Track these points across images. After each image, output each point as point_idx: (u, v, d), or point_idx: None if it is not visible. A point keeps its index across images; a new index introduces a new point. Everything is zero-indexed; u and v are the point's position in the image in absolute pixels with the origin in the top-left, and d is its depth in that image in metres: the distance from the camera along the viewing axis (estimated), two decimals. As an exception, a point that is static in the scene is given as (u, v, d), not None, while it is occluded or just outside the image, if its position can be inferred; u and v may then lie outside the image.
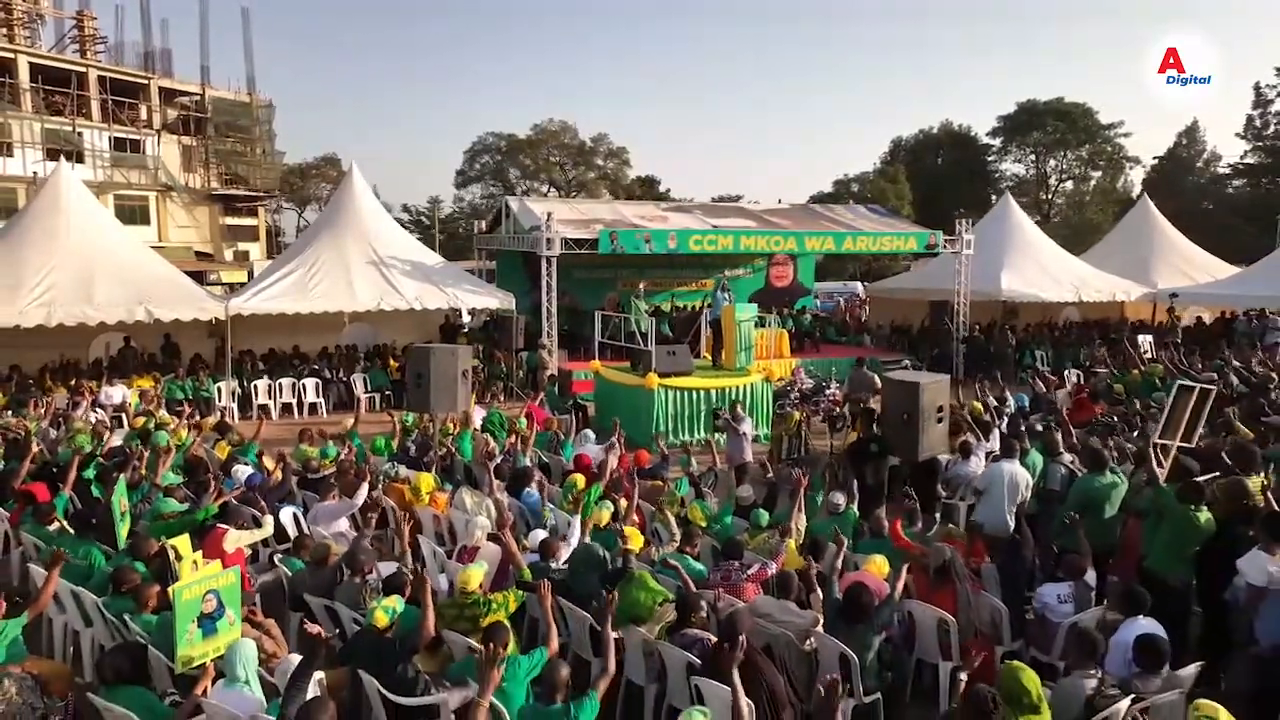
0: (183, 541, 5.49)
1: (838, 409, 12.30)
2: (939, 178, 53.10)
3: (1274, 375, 12.82)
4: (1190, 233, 24.78)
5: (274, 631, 5.18)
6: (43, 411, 12.45)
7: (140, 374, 16.41)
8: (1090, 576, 5.98)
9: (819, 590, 5.59)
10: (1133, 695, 4.57)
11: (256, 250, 45.49)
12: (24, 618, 5.25)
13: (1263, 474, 6.65)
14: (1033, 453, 7.85)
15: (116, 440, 10.12)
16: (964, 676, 4.40)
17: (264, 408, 16.23)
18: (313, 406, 16.80)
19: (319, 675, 4.45)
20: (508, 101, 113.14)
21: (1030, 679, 4.31)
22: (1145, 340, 17.44)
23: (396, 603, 5.07)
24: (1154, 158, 56.97)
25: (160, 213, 40.71)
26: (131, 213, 37.59)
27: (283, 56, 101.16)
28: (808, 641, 5.29)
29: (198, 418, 12.67)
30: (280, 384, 16.85)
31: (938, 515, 7.94)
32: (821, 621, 5.33)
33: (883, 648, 5.37)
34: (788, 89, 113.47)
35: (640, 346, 15.08)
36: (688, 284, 24.75)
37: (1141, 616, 5.25)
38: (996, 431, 9.89)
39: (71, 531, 6.98)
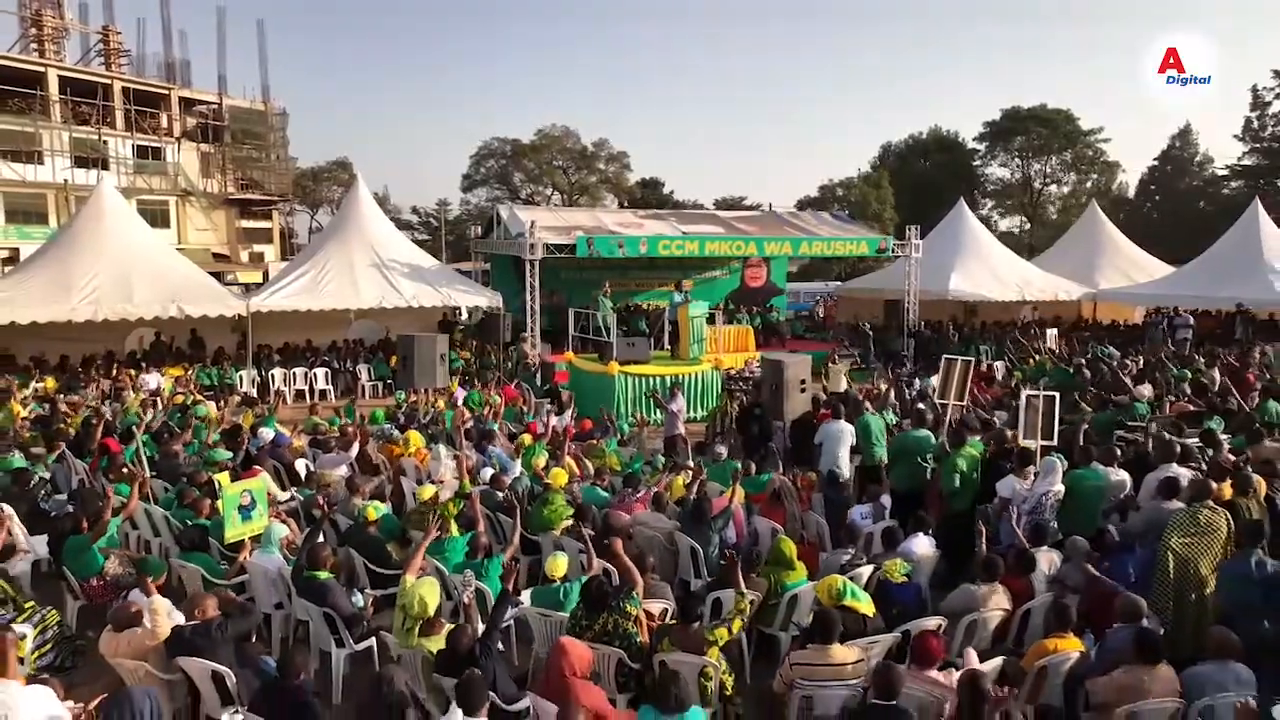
0: (223, 476, 7.76)
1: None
2: (926, 181, 55.05)
3: (1149, 363, 15.01)
4: (1187, 234, 25.88)
5: (293, 525, 7.45)
6: (95, 392, 14.76)
7: (171, 364, 18.71)
8: (885, 499, 8.18)
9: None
10: (875, 565, 6.75)
11: (271, 252, 47.70)
12: (119, 519, 7.51)
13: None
14: (865, 414, 9.97)
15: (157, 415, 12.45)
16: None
17: (280, 393, 18.47)
18: (322, 393, 18.97)
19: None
20: (513, 106, 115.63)
21: (789, 545, 6.55)
22: (1051, 334, 19.45)
23: (384, 508, 7.33)
24: (1154, 159, 58.89)
25: (180, 216, 42.83)
26: (153, 216, 39.67)
27: (296, 62, 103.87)
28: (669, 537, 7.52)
29: (229, 398, 15.00)
30: (294, 373, 19.07)
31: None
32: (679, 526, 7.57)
33: (723, 541, 7.53)
34: (793, 94, 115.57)
35: (605, 339, 17.24)
36: (667, 284, 26.92)
37: (922, 534, 7.40)
38: (895, 404, 12.11)
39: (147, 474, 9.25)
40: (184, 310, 17.40)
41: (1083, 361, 14.60)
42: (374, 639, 6.02)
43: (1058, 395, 8.79)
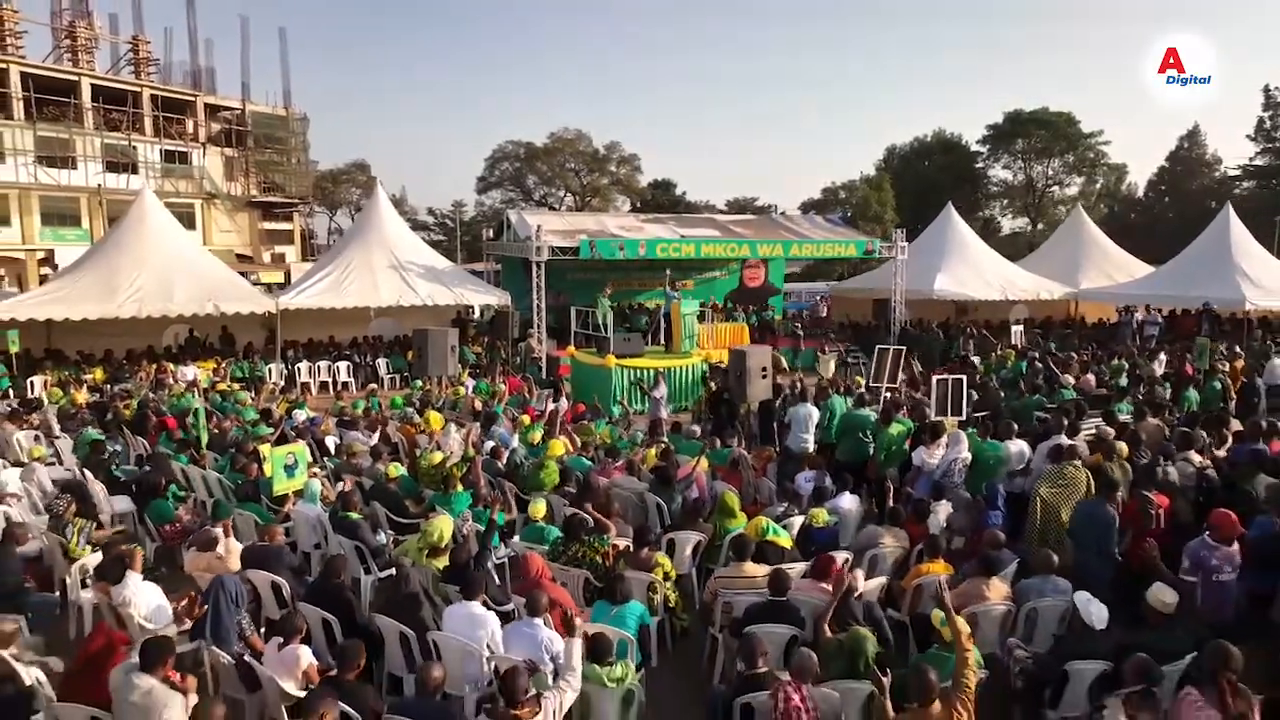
0: (266, 446, 9.31)
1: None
2: (929, 184, 56.21)
3: (1094, 357, 16.40)
4: (1196, 234, 26.08)
5: (326, 484, 9.00)
6: (141, 381, 16.40)
7: (203, 358, 20.35)
8: (824, 467, 9.65)
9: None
10: (805, 515, 8.20)
11: (292, 253, 49.33)
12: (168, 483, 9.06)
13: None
14: (832, 397, 11.43)
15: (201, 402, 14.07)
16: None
17: (305, 385, 20.07)
18: (344, 384, 20.61)
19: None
20: (527, 110, 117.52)
21: (732, 499, 8.03)
22: (1017, 331, 20.78)
23: (402, 469, 8.86)
24: (1163, 160, 59.96)
25: (205, 219, 44.42)
26: (180, 219, 41.13)
27: (316, 66, 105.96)
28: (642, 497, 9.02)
29: (260, 389, 16.64)
30: (319, 366, 20.68)
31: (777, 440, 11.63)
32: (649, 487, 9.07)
33: (685, 500, 8.99)
34: (806, 96, 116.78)
35: (603, 334, 18.75)
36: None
37: (849, 492, 8.85)
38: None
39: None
40: (219, 308, 19.04)
41: (1035, 355, 15.98)
42: (394, 568, 7.53)
43: (964, 379, 10.24)
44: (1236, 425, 9.98)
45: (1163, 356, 16.93)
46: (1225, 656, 4.62)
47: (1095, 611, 5.39)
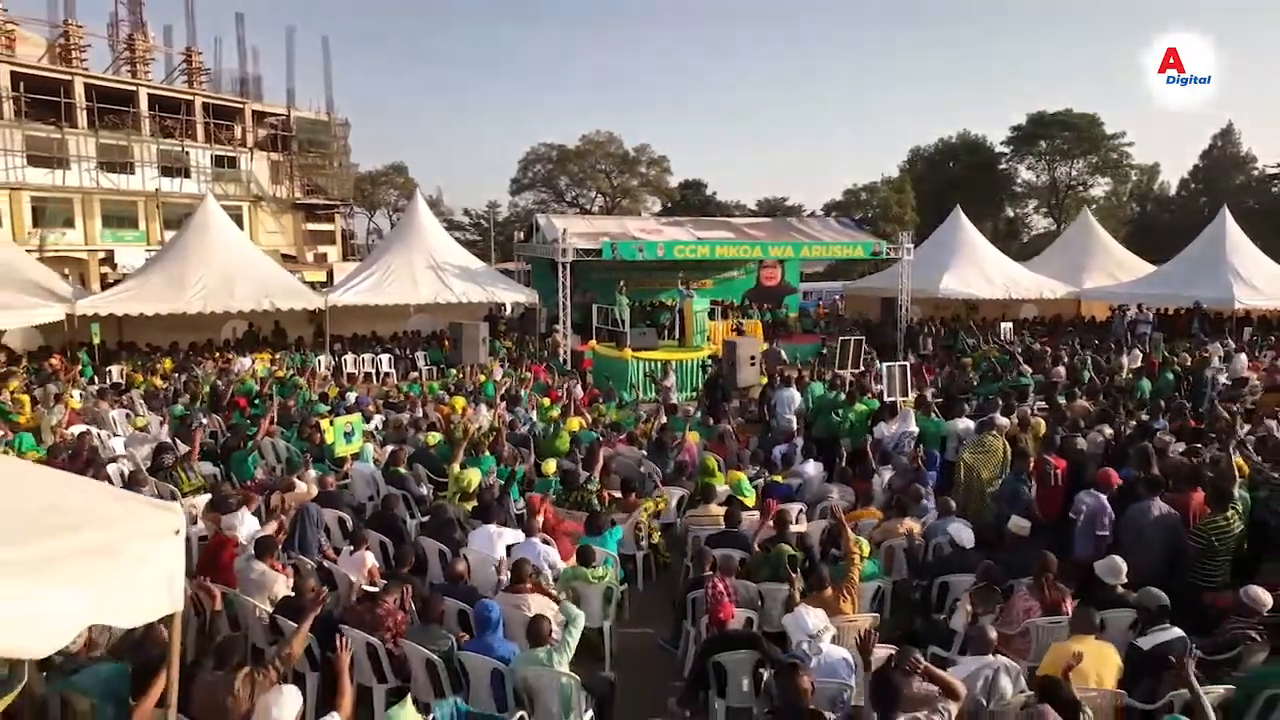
0: (325, 420, 11.15)
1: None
2: (953, 185, 57.14)
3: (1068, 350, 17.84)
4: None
5: (378, 449, 10.81)
6: (209, 369, 18.41)
7: (259, 350, 22.34)
8: (799, 440, 11.28)
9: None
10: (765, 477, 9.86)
11: (333, 253, 51.54)
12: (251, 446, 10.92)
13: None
14: (811, 384, 13.05)
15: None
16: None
17: (351, 375, 21.96)
18: (386, 375, 22.48)
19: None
20: (560, 112, 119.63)
21: (712, 460, 9.71)
22: (1006, 327, 22.14)
23: (439, 437, 10.65)
24: (1199, 157, 60.50)
25: (252, 220, 46.59)
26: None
27: (357, 70, 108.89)
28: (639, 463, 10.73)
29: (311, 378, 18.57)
30: (363, 358, 22.54)
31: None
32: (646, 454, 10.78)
33: (680, 465, 10.67)
34: (834, 97, 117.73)
35: (621, 330, 20.48)
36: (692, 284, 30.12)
37: (812, 460, 10.50)
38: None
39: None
40: (274, 304, 21.02)
41: (1017, 350, 17.45)
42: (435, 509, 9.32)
43: (908, 364, 11.87)
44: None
45: (1137, 352, 18.28)
46: (1045, 562, 6.24)
47: (965, 536, 7.01)
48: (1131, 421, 10.41)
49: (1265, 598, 5.72)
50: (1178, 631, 5.52)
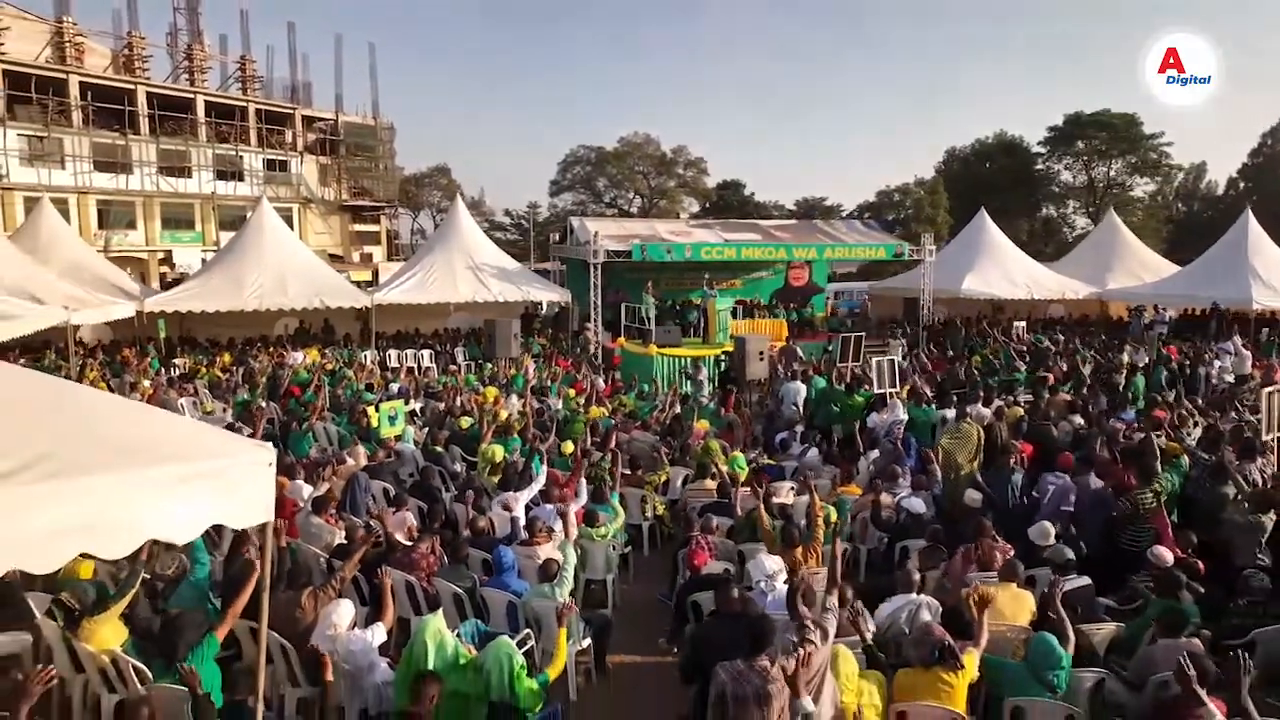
0: (371, 407, 12.44)
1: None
2: (988, 186, 57.28)
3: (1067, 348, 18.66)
4: None
5: (418, 431, 12.07)
6: (264, 363, 19.89)
7: (309, 345, 23.83)
8: (800, 428, 12.33)
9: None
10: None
11: (379, 253, 53.23)
12: (306, 428, 12.22)
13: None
14: (814, 377, 14.08)
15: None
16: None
17: (394, 369, 23.35)
18: (427, 369, 23.83)
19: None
20: (600, 113, 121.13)
21: (714, 443, 10.79)
22: (1019, 326, 22.87)
23: (471, 420, 11.89)
24: (1248, 155, 60.20)
25: (301, 221, 48.33)
26: (280, 222, 45.74)
27: (403, 72, 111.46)
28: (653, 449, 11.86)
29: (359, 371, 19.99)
30: (406, 353, 23.93)
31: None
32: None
33: (686, 448, 11.77)
34: (873, 96, 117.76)
35: (647, 328, 21.63)
36: (720, 284, 31.09)
37: (815, 448, 11.56)
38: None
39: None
40: (324, 302, 22.49)
41: (1024, 348, 18.29)
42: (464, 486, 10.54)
43: (896, 359, 12.86)
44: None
45: (1144, 351, 19.01)
46: (981, 528, 7.24)
47: (918, 506, 8.05)
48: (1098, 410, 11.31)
49: (1167, 556, 6.69)
50: (1084, 580, 6.52)
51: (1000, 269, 28.97)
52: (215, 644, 5.15)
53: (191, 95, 44.25)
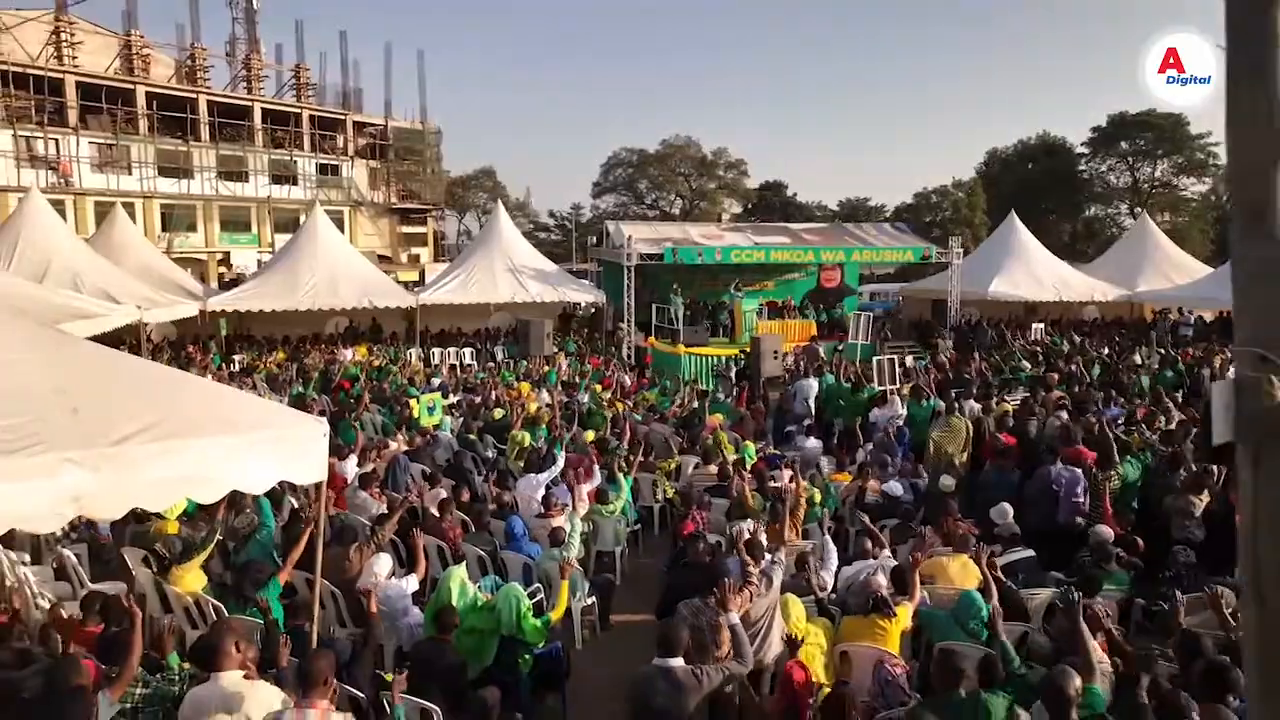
0: (413, 399, 13.62)
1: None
2: (1030, 187, 57.15)
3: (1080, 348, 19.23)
4: None
5: (455, 421, 13.21)
6: (316, 358, 21.28)
7: (358, 343, 25.20)
8: (807, 422, 13.22)
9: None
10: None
11: (425, 254, 54.86)
12: (354, 417, 13.42)
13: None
14: (825, 374, 14.95)
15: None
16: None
17: (437, 366, 24.63)
18: (468, 366, 25.07)
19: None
20: (642, 115, 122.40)
21: (724, 436, 11.75)
22: (1038, 328, 23.39)
23: (503, 412, 13.00)
24: None
25: (352, 224, 50.08)
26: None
27: (451, 76, 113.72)
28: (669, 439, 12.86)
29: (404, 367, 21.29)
30: (449, 351, 25.22)
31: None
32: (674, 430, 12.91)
33: (697, 438, 12.74)
34: (916, 97, 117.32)
35: (676, 327, 22.61)
36: (751, 285, 31.99)
37: (813, 438, 12.46)
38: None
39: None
40: (372, 302, 23.84)
41: (1039, 349, 18.95)
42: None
43: (897, 358, 13.67)
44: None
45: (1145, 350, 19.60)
46: (947, 508, 8.13)
47: (896, 490, 8.94)
48: (1091, 407, 12.05)
49: (1107, 533, 7.52)
50: (1027, 552, 7.39)
51: (1028, 271, 29.37)
52: (278, 586, 6.28)
53: (249, 103, 46.18)
